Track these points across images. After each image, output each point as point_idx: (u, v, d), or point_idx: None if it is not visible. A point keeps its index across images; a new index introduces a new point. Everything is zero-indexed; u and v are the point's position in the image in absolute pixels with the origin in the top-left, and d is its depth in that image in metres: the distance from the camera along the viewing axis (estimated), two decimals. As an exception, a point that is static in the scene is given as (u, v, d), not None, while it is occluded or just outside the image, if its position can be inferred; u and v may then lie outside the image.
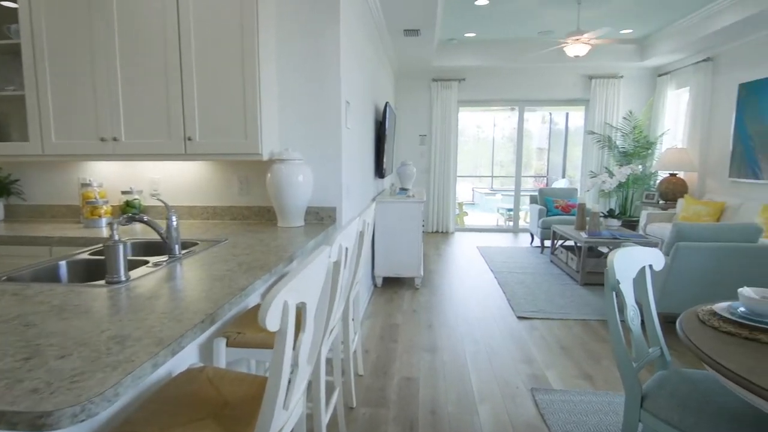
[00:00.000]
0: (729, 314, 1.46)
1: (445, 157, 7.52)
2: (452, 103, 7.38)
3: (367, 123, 3.94)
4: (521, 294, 4.22)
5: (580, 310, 3.81)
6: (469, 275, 4.94)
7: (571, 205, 6.34)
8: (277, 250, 1.92)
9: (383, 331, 3.33)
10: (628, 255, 1.75)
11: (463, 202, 12.52)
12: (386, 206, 4.27)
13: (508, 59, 6.84)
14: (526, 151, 14.37)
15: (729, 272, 3.00)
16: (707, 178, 5.98)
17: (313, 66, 2.67)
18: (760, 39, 5.06)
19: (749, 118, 5.18)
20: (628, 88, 7.26)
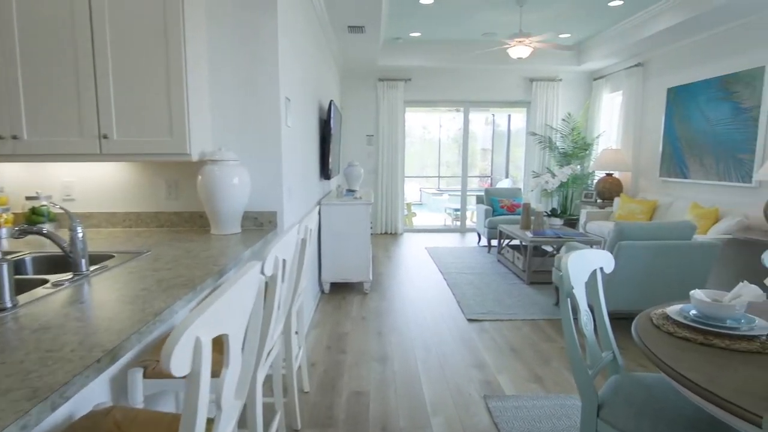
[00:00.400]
0: (682, 318, 1.44)
1: (393, 157, 7.44)
2: (399, 103, 7.32)
3: (310, 122, 3.75)
4: (471, 295, 4.20)
5: (527, 309, 3.83)
6: (419, 277, 4.87)
7: (516, 205, 6.45)
8: (206, 263, 1.71)
9: (331, 341, 3.16)
10: (581, 259, 1.70)
11: (411, 202, 12.57)
12: (332, 209, 4.10)
13: (454, 60, 6.87)
14: (471, 152, 14.67)
15: (667, 269, 3.10)
16: (640, 178, 6.30)
17: (249, 59, 2.45)
18: (686, 46, 5.38)
19: (677, 120, 5.48)
20: (566, 91, 7.52)
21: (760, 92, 4.28)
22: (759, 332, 1.31)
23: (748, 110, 4.42)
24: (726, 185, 4.72)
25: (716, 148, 4.84)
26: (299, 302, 2.32)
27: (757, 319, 1.38)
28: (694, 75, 5.20)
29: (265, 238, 2.30)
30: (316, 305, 3.91)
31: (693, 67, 5.24)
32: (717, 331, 1.33)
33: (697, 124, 5.12)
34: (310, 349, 3.02)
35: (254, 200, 2.55)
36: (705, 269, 3.11)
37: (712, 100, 4.90)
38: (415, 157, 14.31)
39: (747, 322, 1.37)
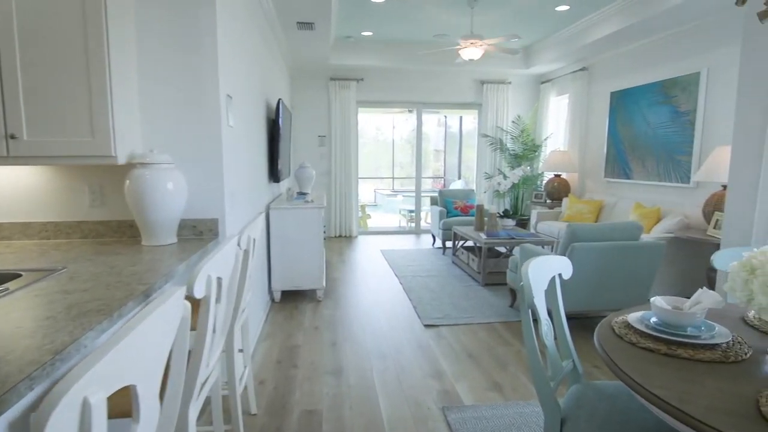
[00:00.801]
0: (644, 326, 1.39)
1: (346, 158, 7.29)
2: (351, 103, 7.17)
3: (257, 121, 3.54)
4: (427, 299, 4.12)
5: (483, 312, 3.80)
6: (374, 282, 4.75)
7: (470, 206, 6.48)
8: (130, 281, 1.50)
9: (282, 355, 2.97)
10: (540, 266, 1.63)
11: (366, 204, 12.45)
12: (282, 213, 3.90)
13: (406, 61, 6.82)
14: (425, 153, 14.75)
15: (617, 269, 3.15)
16: (586, 179, 6.50)
17: (184, 51, 2.23)
18: (628, 52, 5.59)
19: (620, 123, 5.69)
20: (516, 94, 7.67)
21: (696, 97, 4.49)
22: (719, 340, 1.28)
23: (686, 114, 4.63)
24: (666, 186, 4.93)
25: (657, 150, 5.05)
26: (243, 317, 2.13)
27: (717, 326, 1.36)
28: (636, 80, 5.42)
29: (204, 248, 2.10)
30: (266, 316, 3.69)
31: (634, 72, 5.46)
32: (680, 341, 1.29)
33: (639, 127, 5.33)
34: (258, 366, 2.82)
35: (192, 207, 2.33)
36: (652, 268, 3.19)
37: (652, 104, 5.11)
38: (369, 158, 14.21)
39: (707, 329, 1.34)
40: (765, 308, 1.15)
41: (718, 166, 3.77)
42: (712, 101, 4.37)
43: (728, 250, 1.93)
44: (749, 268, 1.25)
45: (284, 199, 4.39)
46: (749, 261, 1.26)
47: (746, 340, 1.36)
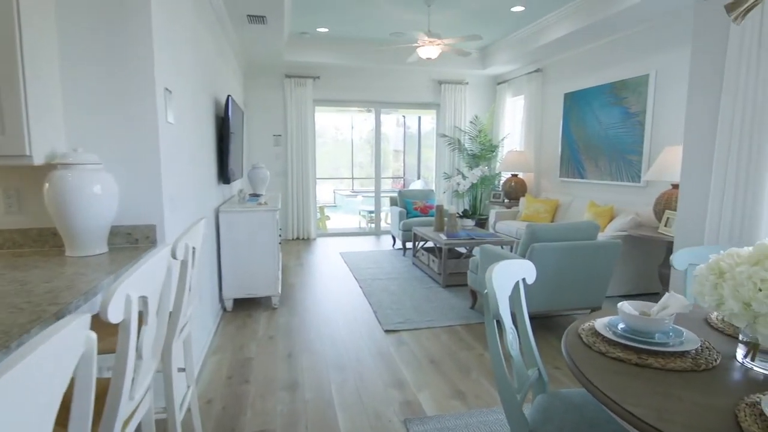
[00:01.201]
0: (612, 334, 1.33)
1: (303, 158, 7.07)
2: (308, 101, 6.97)
3: (203, 119, 3.30)
4: (387, 303, 4.01)
5: (445, 315, 3.73)
6: (333, 286, 4.59)
7: (429, 206, 6.44)
8: (41, 302, 1.28)
9: (232, 370, 2.77)
10: (504, 271, 1.55)
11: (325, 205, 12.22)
12: (233, 216, 3.67)
13: (363, 59, 6.69)
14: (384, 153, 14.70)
15: (575, 268, 3.15)
16: (542, 178, 6.61)
17: (116, 41, 2.00)
18: (581, 53, 5.71)
19: (574, 124, 5.80)
20: (473, 94, 7.71)
21: (645, 98, 4.63)
22: (689, 347, 1.23)
23: (636, 115, 4.76)
24: (618, 185, 5.06)
25: (609, 150, 5.18)
26: (185, 333, 1.93)
27: (685, 331, 1.32)
28: (588, 81, 5.54)
29: (140, 257, 1.88)
30: (216, 327, 3.46)
31: (587, 74, 5.58)
32: (650, 349, 1.23)
33: (592, 128, 5.45)
34: (206, 383, 2.61)
35: (126, 212, 2.10)
36: (609, 267, 3.22)
37: (604, 105, 5.24)
38: (328, 158, 13.99)
39: (676, 335, 1.29)
40: (736, 314, 1.10)
41: (667, 165, 3.88)
42: (660, 102, 4.51)
43: (687, 250, 1.93)
44: (718, 271, 1.20)
45: (236, 201, 4.15)
46: (717, 264, 1.21)
47: (713, 344, 1.32)
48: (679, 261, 1.93)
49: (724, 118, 2.41)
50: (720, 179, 2.42)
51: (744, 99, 2.27)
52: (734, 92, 2.35)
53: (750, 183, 2.25)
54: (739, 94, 2.30)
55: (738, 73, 2.32)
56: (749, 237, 2.25)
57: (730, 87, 2.36)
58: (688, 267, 1.94)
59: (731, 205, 2.34)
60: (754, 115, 2.23)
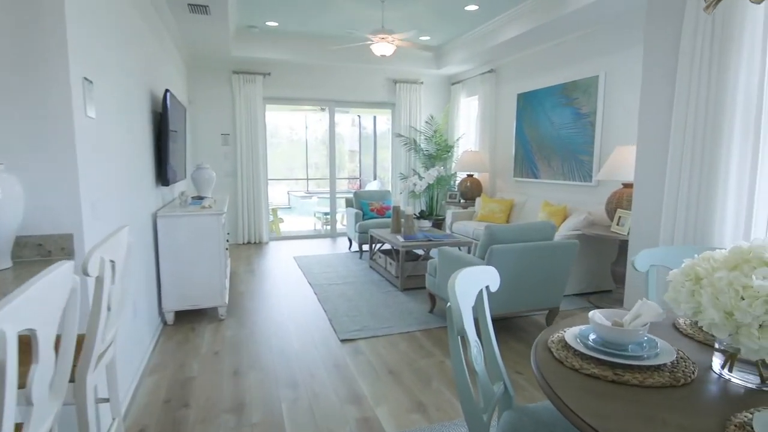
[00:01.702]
0: (583, 346, 1.23)
1: (254, 158, 6.75)
2: (258, 99, 6.65)
3: (137, 114, 2.99)
4: (343, 310, 3.83)
5: (403, 320, 3.60)
6: (286, 293, 4.35)
7: (386, 207, 6.31)
8: None
9: (171, 392, 2.50)
10: (468, 280, 1.42)
11: (278, 206, 11.84)
12: (173, 221, 3.37)
13: (316, 56, 6.47)
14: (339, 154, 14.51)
15: (533, 269, 3.11)
16: (497, 178, 6.64)
17: (19, 22, 1.71)
18: (533, 54, 5.76)
19: (527, 124, 5.86)
20: (428, 94, 7.66)
21: (595, 99, 4.71)
22: (665, 359, 1.15)
23: (587, 115, 4.84)
24: (571, 184, 5.13)
25: (561, 150, 5.24)
26: (108, 359, 1.67)
27: (659, 341, 1.24)
28: (541, 82, 5.60)
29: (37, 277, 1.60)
30: (155, 343, 3.15)
31: (539, 75, 5.64)
32: (625, 363, 1.14)
33: (544, 128, 5.51)
34: (140, 409, 2.33)
35: (36, 220, 1.81)
36: (567, 267, 3.20)
37: (556, 105, 5.30)
38: (283, 158, 13.62)
39: (650, 346, 1.21)
40: (717, 324, 1.02)
41: (618, 165, 3.94)
42: (609, 103, 4.60)
43: (648, 252, 1.88)
44: (694, 277, 1.12)
45: (177, 205, 3.83)
46: (693, 269, 1.13)
47: (687, 353, 1.25)
48: (641, 262, 1.88)
49: (678, 119, 2.41)
50: (674, 179, 2.42)
51: (697, 99, 2.28)
52: (687, 93, 2.35)
53: (704, 183, 2.26)
54: (692, 95, 2.30)
55: (690, 73, 2.33)
56: (703, 237, 2.26)
57: (683, 87, 2.37)
58: (649, 268, 1.89)
59: (685, 205, 2.35)
60: (707, 115, 2.24)
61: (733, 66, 2.14)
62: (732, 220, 2.17)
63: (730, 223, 2.17)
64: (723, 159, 2.18)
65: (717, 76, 2.19)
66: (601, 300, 4.08)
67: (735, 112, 2.14)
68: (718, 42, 2.19)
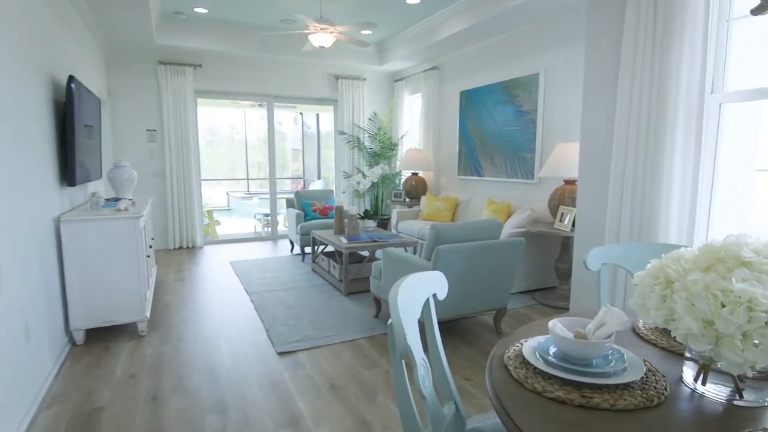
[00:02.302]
0: (544, 363, 1.07)
1: (185, 157, 6.24)
2: (188, 92, 6.16)
3: (26, 105, 2.56)
4: (282, 319, 3.55)
5: (347, 327, 3.38)
6: (219, 303, 3.99)
7: (329, 208, 6.05)
8: None
9: (72, 427, 2.13)
10: (412, 290, 1.23)
11: (216, 208, 11.22)
12: (80, 227, 2.94)
13: (252, 47, 6.08)
14: (282, 153, 14.05)
15: (481, 268, 3.00)
16: (442, 176, 6.58)
17: None
18: (475, 51, 5.73)
19: (470, 122, 5.82)
20: (371, 91, 7.48)
21: (536, 97, 4.73)
22: (634, 375, 1.01)
23: (528, 113, 4.86)
24: (514, 182, 5.14)
25: (504, 148, 5.24)
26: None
27: (625, 353, 1.10)
28: (482, 79, 5.58)
29: None
30: (59, 368, 2.72)
31: (481, 72, 5.62)
32: (592, 383, 0.99)
33: (487, 126, 5.50)
34: (29, 452, 1.95)
35: None
36: (514, 265, 3.12)
37: (497, 103, 5.29)
38: (225, 157, 12.95)
39: (616, 359, 1.07)
40: (695, 335, 0.89)
41: (559, 162, 3.94)
42: (550, 101, 4.63)
43: (599, 250, 1.79)
44: (664, 280, 0.99)
45: (87, 207, 3.38)
46: (662, 271, 1.01)
47: (654, 364, 1.13)
48: (593, 261, 1.78)
49: (621, 115, 2.37)
50: (619, 176, 2.38)
51: (640, 96, 2.25)
52: (630, 89, 2.32)
53: (648, 178, 2.23)
54: (635, 90, 2.27)
55: (633, 69, 2.29)
56: (648, 232, 2.23)
57: (626, 84, 2.33)
58: (601, 267, 1.80)
59: (630, 201, 2.31)
60: (651, 111, 2.21)
61: (675, 60, 2.12)
62: (676, 215, 2.15)
63: (674, 217, 2.15)
64: (667, 154, 2.15)
65: (659, 70, 2.17)
66: (546, 297, 4.07)
67: (678, 108, 2.12)
68: (660, 37, 2.16)
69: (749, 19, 2.15)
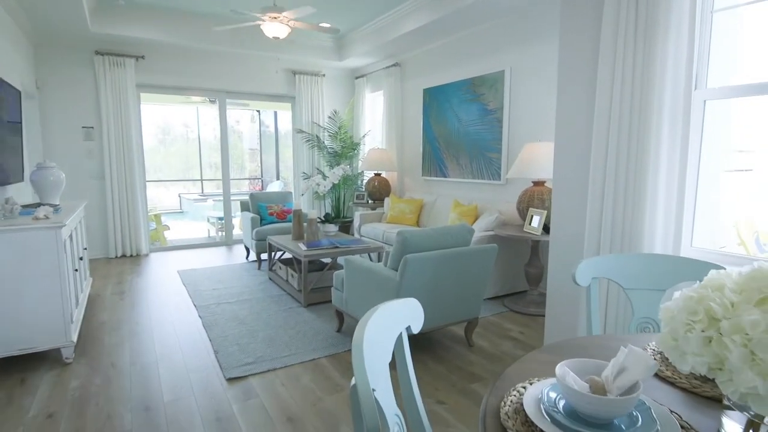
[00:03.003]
0: (552, 423, 0.83)
1: (127, 157, 5.71)
2: (129, 86, 5.63)
3: None
4: (234, 337, 3.20)
5: (307, 344, 3.08)
6: (162, 320, 3.59)
7: (287, 211, 5.70)
8: None
9: (-37, 490, 1.73)
10: (380, 330, 0.97)
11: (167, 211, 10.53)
12: (-14, 241, 2.50)
13: (200, 38, 5.63)
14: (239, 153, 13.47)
15: (453, 277, 2.77)
16: (405, 177, 6.36)
17: None
18: (438, 47, 5.54)
19: (434, 121, 5.63)
20: (331, 88, 7.17)
21: (502, 95, 4.57)
22: (669, 438, 0.79)
23: (494, 112, 4.70)
24: (480, 183, 4.98)
25: (470, 148, 5.07)
26: None
27: (652, 406, 0.88)
28: (447, 77, 5.39)
29: None
30: (-43, 410, 2.28)
31: (445, 69, 5.43)
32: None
33: (452, 125, 5.32)
34: None
35: None
36: (486, 273, 2.92)
37: (462, 101, 5.12)
38: (177, 157, 12.25)
39: (644, 418, 0.84)
40: (762, 396, 0.67)
41: (528, 163, 3.79)
42: (516, 99, 4.48)
43: (589, 262, 1.59)
44: (706, 316, 0.77)
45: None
46: (702, 304, 0.79)
47: (681, 416, 0.91)
48: (582, 275, 1.58)
49: (601, 112, 2.20)
50: (599, 178, 2.22)
51: (622, 91, 2.08)
52: (610, 84, 2.15)
53: (631, 182, 2.06)
54: (616, 86, 2.10)
55: (614, 62, 2.12)
56: (632, 241, 2.06)
57: (606, 78, 2.16)
58: (591, 281, 1.60)
59: (612, 206, 2.14)
60: (633, 107, 2.05)
61: (660, 52, 1.96)
62: (662, 220, 2.00)
63: (660, 222, 2.00)
64: (652, 154, 1.99)
65: (643, 63, 2.01)
66: (516, 302, 3.91)
67: (663, 104, 1.96)
68: (644, 27, 2.00)
69: (733, 11, 2.03)
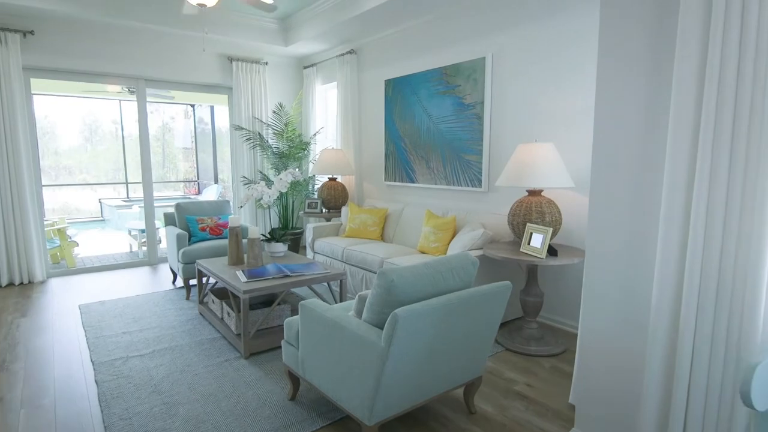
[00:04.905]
0: None
1: (13, 157, 4.48)
2: (13, 69, 4.40)
3: None
4: (142, 420, 2.25)
5: (251, 424, 2.19)
6: (40, 393, 2.55)
7: (223, 225, 4.70)
8: None
9: None
10: None
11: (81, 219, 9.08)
12: None
13: (108, 10, 4.50)
14: (171, 151, 12.09)
15: (453, 333, 2.00)
16: (365, 182, 5.55)
17: None
18: (402, 32, 4.77)
19: (398, 117, 4.86)
20: (275, 78, 6.21)
21: (482, 86, 3.88)
22: None
23: (472, 106, 4.00)
24: (456, 190, 4.27)
25: (442, 149, 4.35)
26: None
27: None
28: (413, 66, 4.64)
29: None
30: None
31: (411, 57, 4.67)
32: None
33: (420, 122, 4.57)
34: None
35: None
36: (495, 320, 2.18)
37: (433, 94, 4.38)
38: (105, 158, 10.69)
39: None
40: None
41: (523, 167, 3.10)
42: (499, 92, 3.80)
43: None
44: None
45: None
46: None
47: None
48: (761, 396, 0.85)
49: (681, 101, 1.50)
50: (679, 187, 1.52)
51: (722, 80, 1.38)
52: (700, 69, 1.45)
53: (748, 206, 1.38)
54: (711, 72, 1.40)
55: (714, 31, 1.42)
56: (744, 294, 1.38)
57: (692, 56, 1.46)
58: (776, 405, 0.88)
59: (702, 234, 1.45)
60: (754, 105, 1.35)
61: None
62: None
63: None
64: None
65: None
66: (511, 338, 3.21)
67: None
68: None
69: None
